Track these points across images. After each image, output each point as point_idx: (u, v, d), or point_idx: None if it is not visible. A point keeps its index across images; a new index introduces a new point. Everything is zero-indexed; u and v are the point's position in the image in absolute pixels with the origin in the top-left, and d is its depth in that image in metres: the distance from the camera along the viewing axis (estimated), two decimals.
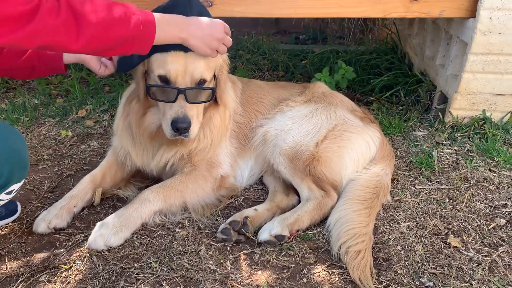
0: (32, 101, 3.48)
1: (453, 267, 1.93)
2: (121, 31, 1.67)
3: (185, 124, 2.00)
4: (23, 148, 1.88)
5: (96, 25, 1.61)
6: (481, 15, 2.71)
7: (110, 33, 1.66)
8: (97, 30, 1.62)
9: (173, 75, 1.99)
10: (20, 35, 1.50)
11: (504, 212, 2.28)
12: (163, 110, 2.07)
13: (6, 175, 1.79)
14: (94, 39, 1.63)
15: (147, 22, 1.72)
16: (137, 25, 1.69)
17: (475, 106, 3.01)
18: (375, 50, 4.27)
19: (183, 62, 1.99)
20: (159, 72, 2.01)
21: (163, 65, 1.99)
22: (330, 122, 2.43)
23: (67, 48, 1.63)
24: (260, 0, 2.74)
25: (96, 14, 1.61)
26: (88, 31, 1.60)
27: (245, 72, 4.03)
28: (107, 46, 1.70)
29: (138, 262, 1.94)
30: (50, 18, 1.53)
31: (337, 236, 2.02)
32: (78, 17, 1.58)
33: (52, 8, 1.54)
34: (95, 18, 1.61)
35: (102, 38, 1.65)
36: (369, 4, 2.78)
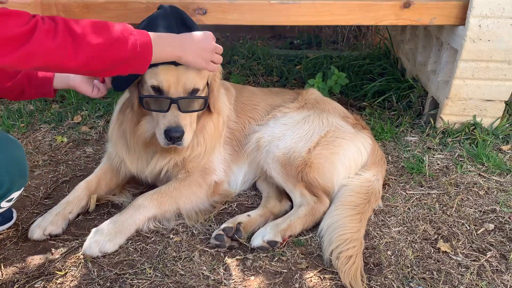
0: (28, 107, 3.50)
1: (442, 271, 1.97)
2: (119, 52, 1.68)
3: (178, 133, 2.03)
4: (23, 157, 1.92)
5: (94, 46, 1.62)
6: (470, 23, 2.76)
7: (107, 55, 1.67)
8: (95, 52, 1.63)
9: (166, 85, 2.02)
10: (16, 56, 1.50)
11: (493, 217, 2.32)
12: (156, 120, 2.10)
13: (7, 184, 1.83)
14: (92, 60, 1.64)
15: (144, 44, 1.74)
16: (134, 46, 1.71)
17: (465, 112, 3.06)
18: (368, 56, 4.32)
19: (175, 72, 2.02)
20: (152, 83, 2.04)
21: (155, 75, 2.02)
22: (322, 129, 2.47)
23: (64, 69, 1.64)
24: (254, 8, 2.77)
25: (93, 35, 1.62)
26: (85, 53, 1.61)
27: (239, 78, 4.06)
28: (105, 67, 1.71)
29: (133, 268, 1.96)
30: (47, 39, 1.54)
31: (328, 242, 2.05)
32: (76, 39, 1.59)
33: (49, 30, 1.55)
34: (93, 40, 1.62)
35: (100, 59, 1.66)
36: (360, 12, 2.82)
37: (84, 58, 1.61)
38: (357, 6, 2.81)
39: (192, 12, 2.74)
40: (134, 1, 2.76)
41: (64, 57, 1.58)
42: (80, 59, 1.61)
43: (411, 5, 2.81)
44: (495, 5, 2.70)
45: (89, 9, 2.77)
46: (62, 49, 1.57)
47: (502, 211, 2.36)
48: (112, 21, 2.74)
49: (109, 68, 1.73)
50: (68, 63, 1.60)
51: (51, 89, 2.17)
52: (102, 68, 1.70)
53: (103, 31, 1.65)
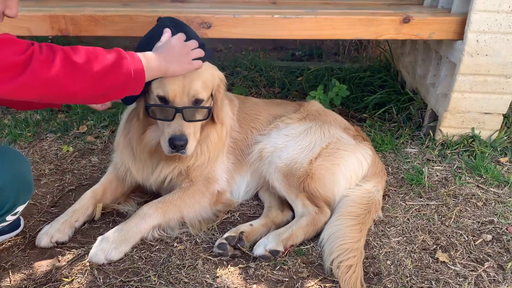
0: (34, 117, 3.56)
1: (440, 281, 2.01)
2: (114, 79, 1.73)
3: (182, 141, 2.09)
4: (28, 172, 1.97)
5: (91, 76, 1.65)
6: (468, 38, 2.83)
7: (104, 82, 1.70)
8: (92, 81, 1.66)
9: (171, 95, 2.09)
10: (12, 87, 1.48)
11: (491, 228, 2.37)
12: (161, 128, 2.17)
13: (13, 199, 1.89)
14: (88, 89, 1.67)
15: (137, 70, 1.79)
16: (128, 73, 1.75)
17: (464, 124, 3.12)
18: (368, 68, 4.39)
19: (181, 83, 2.09)
20: (158, 93, 2.11)
21: (161, 85, 2.09)
22: (324, 140, 2.52)
23: (61, 98, 1.66)
24: (257, 22, 2.84)
25: (90, 64, 1.65)
26: (82, 83, 1.63)
27: (242, 89, 4.13)
28: (101, 93, 1.74)
29: (137, 275, 2.01)
30: (43, 70, 1.52)
31: (329, 251, 2.09)
32: (74, 70, 1.60)
33: (46, 61, 1.54)
34: (90, 69, 1.64)
35: (97, 88, 1.70)
36: (361, 26, 2.89)
37: (81, 87, 1.63)
38: (358, 20, 2.88)
39: (197, 26, 2.81)
40: (140, 15, 2.84)
41: (60, 88, 1.58)
42: (77, 88, 1.62)
43: (411, 20, 2.88)
44: (492, 21, 2.77)
45: (96, 22, 2.84)
46: (59, 80, 1.56)
47: (500, 222, 2.40)
48: (119, 33, 2.86)
49: (106, 94, 1.76)
50: (65, 93, 1.61)
51: None
52: (99, 94, 1.73)
53: (100, 59, 1.68)
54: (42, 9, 2.95)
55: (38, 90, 1.54)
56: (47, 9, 2.97)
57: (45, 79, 1.53)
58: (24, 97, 1.55)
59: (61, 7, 3.03)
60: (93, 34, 2.88)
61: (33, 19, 2.87)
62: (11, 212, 1.94)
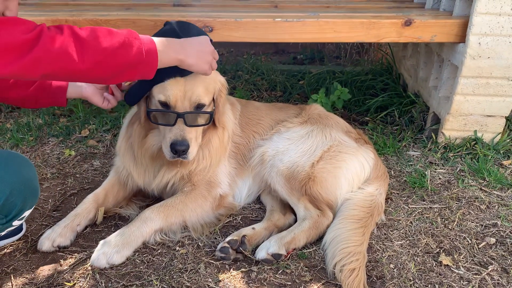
0: (36, 121, 3.57)
1: (444, 285, 1.99)
2: (125, 57, 1.71)
3: (183, 146, 2.09)
4: (34, 177, 1.97)
5: (101, 51, 1.65)
6: (470, 41, 2.83)
7: (114, 59, 1.69)
8: (102, 56, 1.65)
9: (173, 100, 2.09)
10: (22, 64, 1.51)
11: (494, 231, 2.35)
12: (163, 133, 2.17)
13: (20, 205, 1.89)
14: (99, 65, 1.66)
15: (149, 50, 1.78)
16: (140, 51, 1.74)
17: (466, 127, 3.11)
18: (370, 71, 4.39)
19: (182, 88, 2.09)
20: (159, 98, 2.10)
21: (163, 90, 2.09)
22: (325, 143, 2.52)
23: (71, 75, 1.65)
24: (259, 26, 2.85)
25: (99, 40, 1.65)
26: (92, 58, 1.63)
27: (244, 92, 4.13)
28: (112, 72, 1.73)
29: (140, 279, 2.00)
30: (53, 45, 1.54)
31: (332, 255, 2.08)
32: (82, 43, 1.61)
33: (55, 36, 1.56)
34: (99, 44, 1.64)
35: (107, 64, 1.68)
36: (363, 29, 2.89)
37: (91, 63, 1.63)
38: (360, 24, 2.89)
39: None
40: (142, 19, 2.84)
41: (71, 63, 1.59)
42: (87, 64, 1.62)
43: (412, 23, 2.88)
44: (494, 23, 2.76)
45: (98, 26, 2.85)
46: (69, 54, 1.57)
47: (503, 225, 2.39)
48: None
49: (117, 74, 1.75)
50: (75, 68, 1.61)
51: (64, 98, 2.23)
52: (109, 73, 1.72)
53: (109, 36, 1.68)
54: (44, 14, 2.97)
55: (48, 65, 1.56)
56: (49, 13, 2.98)
57: (55, 53, 1.55)
58: (35, 74, 1.56)
59: (63, 12, 3.04)
60: None
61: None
62: (18, 217, 1.94)
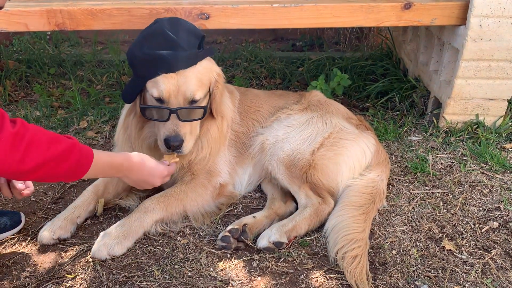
0: (34, 113, 3.54)
1: (447, 270, 1.98)
2: (56, 169, 1.67)
3: (177, 142, 2.09)
4: None
5: (38, 162, 1.60)
6: (471, 23, 2.78)
7: (46, 169, 1.65)
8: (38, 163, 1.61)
9: (166, 95, 2.06)
10: None
11: (497, 215, 2.34)
12: (157, 127, 2.16)
13: None
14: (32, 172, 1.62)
15: (81, 164, 1.75)
16: (71, 166, 1.71)
17: (468, 111, 3.08)
18: (370, 56, 4.34)
19: (175, 82, 2.06)
20: (153, 93, 2.08)
21: (156, 85, 2.07)
22: (326, 130, 2.49)
23: None
24: (256, 12, 2.81)
25: (38, 151, 1.60)
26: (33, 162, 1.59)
27: (242, 81, 4.09)
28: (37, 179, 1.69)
29: (141, 270, 1.99)
30: None
31: (334, 242, 2.07)
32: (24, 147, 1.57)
33: None
34: (38, 154, 1.60)
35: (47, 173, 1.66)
36: (362, 13, 2.85)
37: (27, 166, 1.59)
38: (359, 8, 2.84)
39: (195, 17, 2.78)
40: (138, 7, 2.81)
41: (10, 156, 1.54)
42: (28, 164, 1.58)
43: (412, 6, 2.83)
44: (496, 5, 2.72)
45: (93, 16, 2.81)
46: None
47: (506, 209, 2.37)
48: (116, 27, 2.83)
49: (39, 179, 1.70)
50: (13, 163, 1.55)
51: None
52: (32, 178, 1.68)
53: (48, 146, 1.63)
54: (38, 4, 2.93)
55: None
56: (44, 3, 2.94)
57: None
58: None
59: (58, 2, 3.00)
60: (90, 28, 2.86)
61: (29, 14, 2.84)
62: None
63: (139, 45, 2.07)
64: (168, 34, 2.03)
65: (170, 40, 2.03)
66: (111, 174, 2.00)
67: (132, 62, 2.13)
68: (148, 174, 2.05)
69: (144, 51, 2.03)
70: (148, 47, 2.03)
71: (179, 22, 2.14)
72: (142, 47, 2.05)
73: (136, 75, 2.15)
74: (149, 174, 2.05)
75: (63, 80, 4.26)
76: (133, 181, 2.07)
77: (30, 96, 3.99)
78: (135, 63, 2.11)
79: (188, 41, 2.07)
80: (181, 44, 2.04)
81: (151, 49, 2.03)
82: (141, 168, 2.02)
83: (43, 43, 5.21)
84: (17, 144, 1.55)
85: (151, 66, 2.05)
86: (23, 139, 1.56)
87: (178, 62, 2.05)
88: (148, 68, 2.06)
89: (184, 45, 2.05)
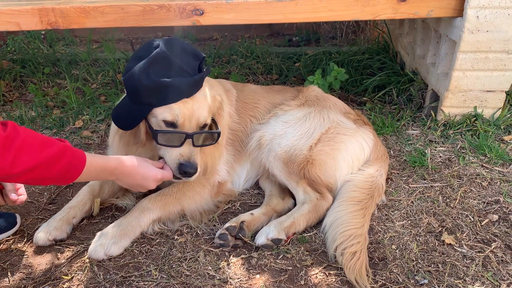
0: (29, 113, 3.51)
1: (447, 264, 1.97)
2: (46, 172, 1.65)
3: (193, 169, 2.03)
4: None
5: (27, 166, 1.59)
6: (468, 14, 2.75)
7: (36, 172, 1.63)
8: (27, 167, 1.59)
9: (181, 120, 2.00)
10: None
11: (497, 207, 2.32)
12: (166, 152, 2.06)
13: None
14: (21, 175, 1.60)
15: (74, 167, 1.73)
16: (62, 171, 1.69)
17: (466, 103, 3.05)
18: (367, 50, 4.31)
19: (190, 107, 2.01)
20: (165, 117, 2.00)
21: (169, 109, 1.99)
22: (323, 125, 2.47)
23: None
24: (250, 7, 2.78)
25: (29, 154, 1.59)
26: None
27: (239, 77, 4.06)
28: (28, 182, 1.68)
29: (138, 270, 1.97)
30: None
31: (332, 238, 2.05)
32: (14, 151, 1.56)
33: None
34: (29, 157, 1.58)
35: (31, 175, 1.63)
36: (358, 7, 2.82)
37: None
38: (354, 1, 2.81)
39: (189, 13, 2.75)
40: (131, 4, 2.77)
41: None
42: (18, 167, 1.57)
43: None
44: None
45: (86, 14, 2.78)
46: None
47: (506, 201, 2.35)
48: (110, 25, 2.80)
49: (31, 181, 1.68)
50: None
51: None
52: (23, 181, 1.67)
53: (39, 150, 1.62)
54: (30, 3, 2.90)
55: None
56: (36, 2, 2.91)
57: None
58: None
59: (50, 0, 2.96)
60: (83, 27, 2.83)
61: (22, 13, 2.81)
62: None
63: (144, 73, 1.94)
64: (172, 59, 1.96)
65: (176, 65, 1.97)
66: (104, 177, 1.98)
67: (136, 90, 1.99)
68: (142, 178, 2.00)
69: (152, 79, 1.93)
70: (155, 74, 1.94)
71: (180, 44, 2.06)
72: (148, 74, 1.94)
73: (138, 103, 2.02)
74: (142, 179, 2.00)
75: (58, 79, 4.22)
76: (127, 184, 2.03)
77: (25, 96, 3.95)
78: (141, 91, 1.97)
79: (192, 65, 2.03)
80: (186, 69, 1.99)
81: (158, 77, 1.94)
82: (134, 173, 1.97)
83: (38, 42, 5.17)
84: (8, 147, 1.53)
85: (161, 94, 1.96)
86: (14, 142, 1.54)
87: (190, 88, 2.00)
88: (157, 96, 1.97)
89: (190, 69, 2.01)
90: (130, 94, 2.04)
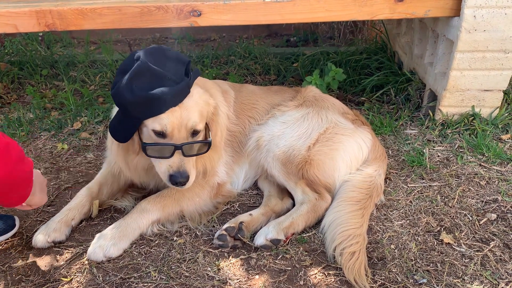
0: (27, 115, 3.51)
1: (445, 263, 1.97)
2: None
3: (184, 179, 2.01)
4: None
5: None
6: (465, 14, 2.76)
7: None
8: None
9: (169, 129, 1.98)
10: None
11: (495, 206, 2.33)
12: (158, 161, 2.05)
13: None
14: None
15: None
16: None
17: (464, 103, 3.06)
18: (365, 50, 4.32)
19: (178, 115, 1.98)
20: (154, 127, 1.99)
21: (158, 119, 1.97)
22: (322, 126, 2.47)
23: None
24: (248, 8, 2.78)
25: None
26: None
27: (237, 78, 4.07)
28: None
29: (138, 271, 1.97)
30: None
31: (331, 238, 2.06)
32: None
33: None
34: None
35: None
36: (355, 7, 2.83)
37: None
38: (352, 1, 2.82)
39: (186, 14, 2.75)
40: (129, 6, 2.78)
41: None
42: None
43: None
44: None
45: (84, 16, 2.78)
46: None
47: (504, 200, 2.36)
48: (107, 26, 2.80)
49: None
50: None
51: None
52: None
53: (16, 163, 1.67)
54: (28, 5, 2.90)
55: None
56: (34, 4, 2.91)
57: None
58: None
59: (47, 2, 2.97)
60: (81, 28, 2.83)
61: (19, 15, 2.81)
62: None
63: (127, 88, 1.90)
64: (155, 69, 1.91)
65: (159, 75, 1.92)
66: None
67: (122, 104, 1.97)
68: (39, 182, 1.99)
69: (136, 94, 1.89)
70: (139, 88, 1.90)
71: (161, 52, 2.02)
72: (132, 89, 1.90)
73: (127, 116, 2.00)
74: (39, 182, 1.99)
75: (56, 81, 4.22)
76: (41, 191, 2.00)
77: (23, 98, 3.95)
78: (127, 106, 1.95)
79: (176, 71, 1.98)
80: (170, 76, 1.94)
81: (142, 91, 1.90)
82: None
83: (35, 44, 5.16)
84: None
85: (146, 107, 1.93)
86: None
87: (175, 96, 1.96)
88: (143, 110, 1.95)
89: (174, 76, 1.95)
90: (119, 108, 2.02)
